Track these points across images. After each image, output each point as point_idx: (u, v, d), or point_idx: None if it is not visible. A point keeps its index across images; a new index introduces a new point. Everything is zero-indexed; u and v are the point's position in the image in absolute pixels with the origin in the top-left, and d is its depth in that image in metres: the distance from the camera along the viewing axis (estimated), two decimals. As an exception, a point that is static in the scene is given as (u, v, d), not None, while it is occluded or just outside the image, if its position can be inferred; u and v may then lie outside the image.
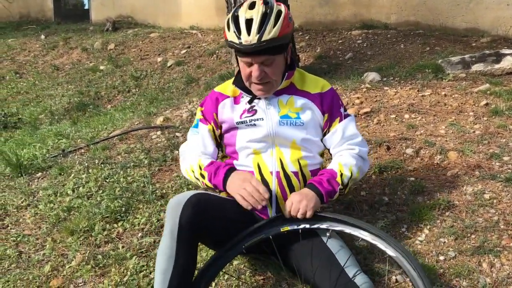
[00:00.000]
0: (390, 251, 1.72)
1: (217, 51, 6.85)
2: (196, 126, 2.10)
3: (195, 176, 1.99)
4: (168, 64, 6.87)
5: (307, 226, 1.83)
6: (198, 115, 2.11)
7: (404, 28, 6.51)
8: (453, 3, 6.21)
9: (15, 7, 11.77)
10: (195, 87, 6.00)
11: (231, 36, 1.86)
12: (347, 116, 2.06)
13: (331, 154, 2.10)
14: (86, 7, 11.24)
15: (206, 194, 1.85)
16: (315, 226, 1.84)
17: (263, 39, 1.79)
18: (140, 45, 7.84)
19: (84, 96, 6.51)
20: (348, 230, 1.82)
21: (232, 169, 1.93)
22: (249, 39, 1.80)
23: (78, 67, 7.60)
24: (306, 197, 1.84)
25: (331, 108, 2.03)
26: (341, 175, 1.92)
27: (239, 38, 1.81)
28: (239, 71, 2.03)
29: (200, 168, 1.96)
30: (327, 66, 5.55)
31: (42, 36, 9.28)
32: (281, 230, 1.85)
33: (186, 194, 1.76)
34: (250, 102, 2.00)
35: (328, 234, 1.84)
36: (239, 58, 1.94)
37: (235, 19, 1.86)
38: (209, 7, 8.29)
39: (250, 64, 1.89)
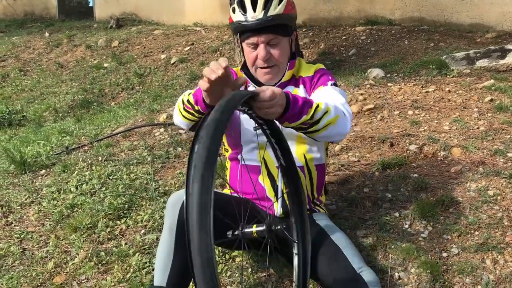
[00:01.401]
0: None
1: (220, 48, 6.84)
2: None
3: (183, 101, 1.80)
4: (172, 61, 6.87)
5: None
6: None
7: (408, 24, 6.48)
8: (458, -1, 6.19)
9: (19, 4, 11.81)
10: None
11: (236, 16, 1.85)
12: (335, 86, 1.96)
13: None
14: (90, 4, 11.25)
15: (206, 191, 1.84)
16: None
17: (269, 14, 1.80)
18: (143, 42, 7.83)
19: (88, 93, 6.52)
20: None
21: None
22: (255, 14, 1.80)
23: (82, 65, 7.61)
24: (283, 101, 1.54)
25: (318, 80, 1.97)
26: (317, 107, 1.65)
27: (244, 15, 1.82)
28: (244, 62, 2.03)
29: (190, 94, 1.78)
30: (330, 63, 5.53)
31: (46, 34, 9.29)
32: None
33: (186, 191, 1.75)
34: None
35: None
36: (244, 43, 1.91)
37: (240, 1, 1.86)
38: (213, 4, 8.28)
39: (255, 47, 1.88)
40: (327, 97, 1.85)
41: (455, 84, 3.87)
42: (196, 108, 1.74)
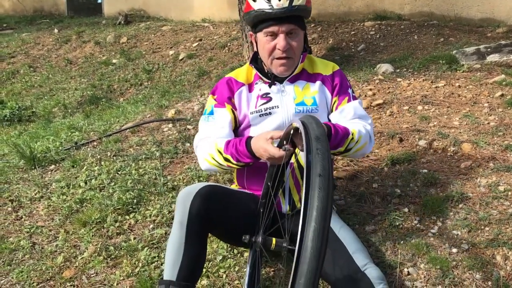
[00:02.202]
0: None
1: (228, 44, 6.83)
2: (211, 113, 2.00)
3: (219, 163, 1.88)
4: (180, 57, 6.87)
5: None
6: (211, 102, 2.02)
7: (418, 19, 6.43)
8: (468, -7, 6.12)
9: (29, 1, 11.88)
10: (207, 79, 6.00)
11: (259, 4, 1.84)
12: (355, 98, 2.04)
13: None
14: (99, 0, 11.28)
15: (216, 186, 1.84)
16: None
17: (294, 3, 1.82)
18: (152, 38, 7.84)
19: (97, 89, 6.54)
20: None
21: (249, 138, 1.83)
22: (280, 3, 1.81)
23: (91, 61, 7.64)
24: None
25: (340, 87, 2.01)
26: (351, 139, 1.83)
27: (269, 2, 1.82)
28: (254, 53, 2.02)
29: (221, 153, 1.86)
30: (339, 58, 5.51)
31: (56, 30, 9.34)
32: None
33: (197, 186, 1.75)
34: (270, 86, 1.97)
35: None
36: (261, 33, 1.90)
37: None
38: (221, 0, 8.27)
39: (274, 37, 1.88)
40: (357, 117, 1.96)
41: (465, 79, 3.83)
42: (241, 164, 1.84)
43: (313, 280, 1.13)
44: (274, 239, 1.53)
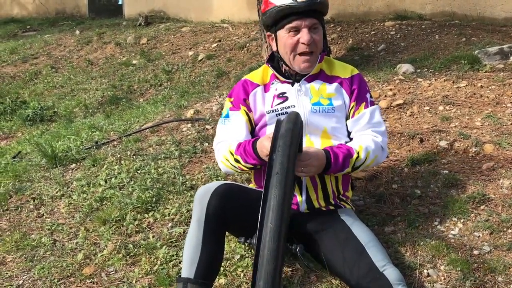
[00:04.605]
0: None
1: (247, 44, 6.84)
2: (227, 116, 2.05)
3: (232, 164, 1.94)
4: (199, 58, 6.90)
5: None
6: (228, 105, 2.07)
7: (439, 18, 6.34)
8: (492, -8, 6.01)
9: (51, 3, 12.06)
10: (225, 80, 6.01)
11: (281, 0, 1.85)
12: (373, 103, 2.02)
13: (350, 139, 2.02)
14: (120, 2, 11.38)
15: (233, 185, 1.85)
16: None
17: None
18: (171, 39, 7.89)
19: (117, 90, 6.61)
20: None
21: (257, 139, 1.87)
22: None
23: (111, 62, 7.71)
24: (317, 163, 1.77)
25: (359, 92, 2.00)
26: (357, 158, 1.86)
27: None
28: (271, 54, 2.03)
29: (232, 154, 1.91)
30: (359, 58, 5.47)
31: (77, 32, 9.46)
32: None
33: (214, 184, 1.76)
34: (292, 85, 1.98)
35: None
36: (284, 29, 1.90)
37: None
38: (240, 1, 8.28)
39: (296, 32, 1.89)
40: (371, 126, 1.97)
41: (488, 79, 3.76)
42: (249, 166, 1.89)
43: (272, 281, 1.11)
44: None
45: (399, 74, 4.11)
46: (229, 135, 2.00)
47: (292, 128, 1.31)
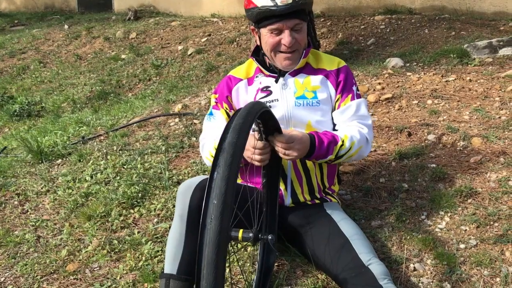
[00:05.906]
0: None
1: (237, 39, 6.80)
2: (211, 113, 2.06)
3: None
4: (189, 52, 6.85)
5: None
6: (212, 102, 2.08)
7: (429, 13, 6.33)
8: (481, -14, 6.01)
9: (40, -3, 11.94)
10: (215, 74, 5.97)
11: (262, 1, 1.81)
12: (359, 96, 2.00)
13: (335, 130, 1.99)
14: (109, -4, 11.28)
15: (217, 179, 1.82)
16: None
17: None
18: (161, 33, 7.83)
19: (106, 84, 6.55)
20: None
21: None
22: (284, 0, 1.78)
23: (100, 56, 7.64)
24: (301, 146, 1.73)
25: (345, 84, 1.97)
26: (341, 145, 1.82)
27: (273, 0, 1.79)
28: (255, 48, 2.00)
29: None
30: (348, 52, 5.45)
31: (66, 26, 9.36)
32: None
33: (197, 179, 1.74)
34: (276, 81, 1.95)
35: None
36: (266, 29, 1.87)
37: None
38: (230, -5, 8.23)
39: (279, 32, 1.85)
40: (356, 118, 1.93)
41: (477, 73, 3.76)
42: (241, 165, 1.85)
43: (215, 274, 1.14)
44: (241, 231, 1.45)
45: (388, 68, 4.10)
46: (213, 132, 1.99)
47: (239, 122, 1.33)
